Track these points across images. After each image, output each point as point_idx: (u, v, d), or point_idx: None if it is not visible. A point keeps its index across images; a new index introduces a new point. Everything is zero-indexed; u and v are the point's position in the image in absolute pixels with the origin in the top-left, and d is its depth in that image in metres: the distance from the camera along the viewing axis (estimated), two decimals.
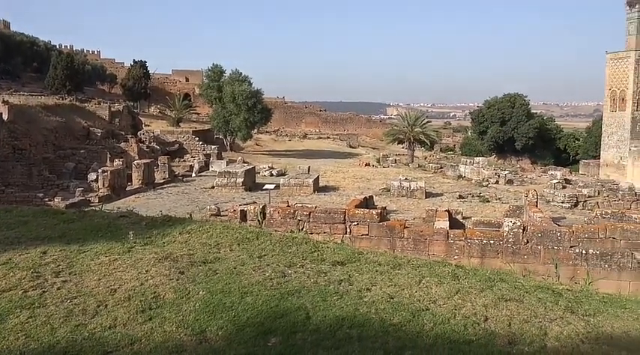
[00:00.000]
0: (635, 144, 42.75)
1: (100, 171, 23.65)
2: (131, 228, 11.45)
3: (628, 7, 43.94)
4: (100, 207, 18.01)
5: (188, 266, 9.14)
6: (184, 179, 29.54)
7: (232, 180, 25.46)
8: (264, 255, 10.11)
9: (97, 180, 23.67)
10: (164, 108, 67.82)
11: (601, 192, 24.78)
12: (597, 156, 48.60)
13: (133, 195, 23.52)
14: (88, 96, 54.11)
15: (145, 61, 69.56)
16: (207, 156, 38.43)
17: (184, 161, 37.90)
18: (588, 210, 22.53)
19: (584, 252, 13.11)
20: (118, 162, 27.37)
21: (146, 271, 8.77)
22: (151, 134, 42.39)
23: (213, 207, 17.62)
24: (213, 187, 25.70)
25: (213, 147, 41.89)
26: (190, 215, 15.47)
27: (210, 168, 33.56)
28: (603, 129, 47.02)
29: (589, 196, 24.47)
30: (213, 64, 48.42)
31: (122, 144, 36.32)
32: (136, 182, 25.52)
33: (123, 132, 40.15)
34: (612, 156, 45.37)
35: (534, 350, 6.50)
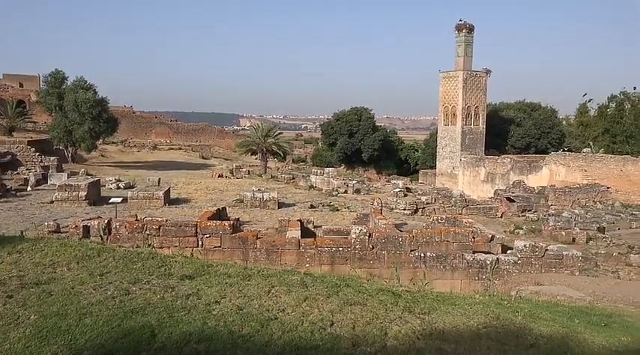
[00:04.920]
0: (465, 155, 47.30)
1: None
2: None
3: (456, 32, 48.62)
4: None
5: (18, 288, 8.33)
6: (18, 193, 26.89)
7: (74, 193, 23.72)
8: (107, 273, 9.53)
9: None
10: None
11: (437, 199, 26.93)
12: (434, 166, 52.85)
13: None
14: None
15: None
16: (46, 168, 35.36)
17: (18, 174, 34.47)
18: (426, 216, 24.40)
19: (422, 255, 14.18)
20: None
21: None
22: None
23: (51, 223, 16.24)
24: (52, 202, 23.73)
25: (52, 158, 38.63)
26: (22, 233, 14.13)
27: (49, 182, 30.89)
28: (438, 142, 51.33)
29: (427, 203, 26.50)
30: (55, 69, 44.80)
31: None
32: None
33: None
34: (446, 166, 49.68)
35: (376, 350, 6.86)
